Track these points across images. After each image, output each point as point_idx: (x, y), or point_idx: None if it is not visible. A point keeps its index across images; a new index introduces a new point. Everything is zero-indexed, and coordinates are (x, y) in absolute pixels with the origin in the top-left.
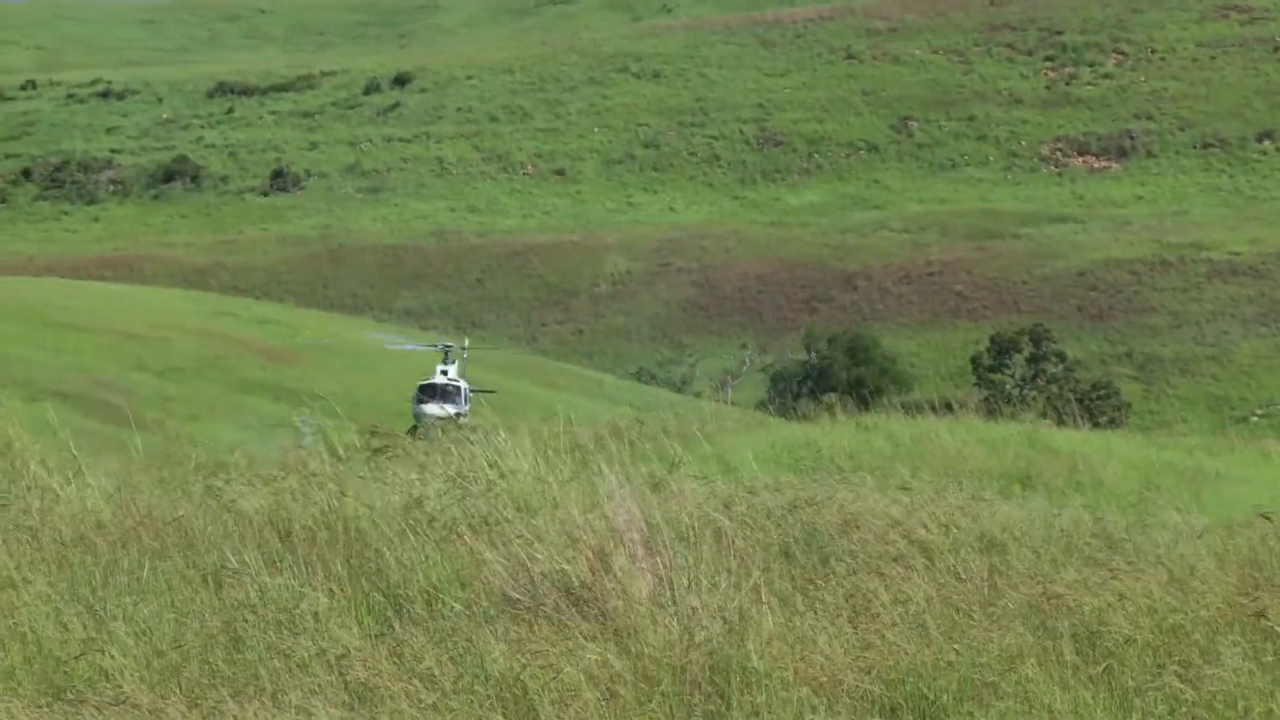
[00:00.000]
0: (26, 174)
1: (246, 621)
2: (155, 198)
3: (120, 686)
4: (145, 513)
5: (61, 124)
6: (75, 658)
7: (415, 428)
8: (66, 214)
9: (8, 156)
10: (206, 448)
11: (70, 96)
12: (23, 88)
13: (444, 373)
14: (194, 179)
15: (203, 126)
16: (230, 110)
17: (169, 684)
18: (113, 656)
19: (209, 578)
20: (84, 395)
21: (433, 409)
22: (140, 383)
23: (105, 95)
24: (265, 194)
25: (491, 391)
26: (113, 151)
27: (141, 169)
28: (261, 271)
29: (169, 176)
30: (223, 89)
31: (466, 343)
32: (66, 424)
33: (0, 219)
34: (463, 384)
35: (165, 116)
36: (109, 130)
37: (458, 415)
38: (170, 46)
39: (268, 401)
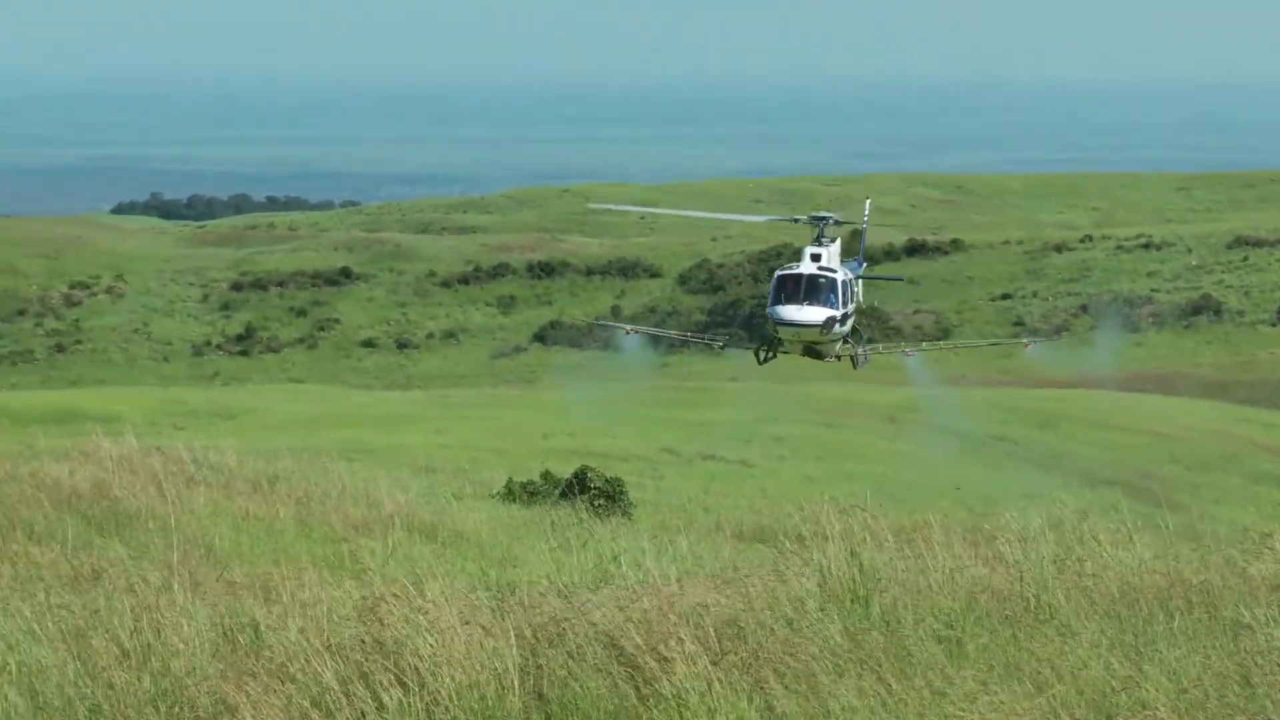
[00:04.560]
0: (1084, 309)
1: (1257, 665)
2: (1185, 328)
3: (1156, 715)
4: (1176, 576)
5: (1111, 269)
6: (1117, 691)
7: (769, 342)
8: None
9: (1069, 295)
10: (1227, 527)
11: (1119, 248)
12: (1082, 240)
13: (815, 257)
14: (1216, 312)
15: (1223, 271)
16: (1245, 258)
17: (1195, 713)
18: (1148, 690)
19: (1228, 629)
20: (1128, 482)
21: (790, 312)
22: (1172, 473)
23: (1146, 246)
24: (1273, 324)
25: (899, 279)
26: (1152, 290)
27: (1174, 304)
28: (1271, 386)
29: (1196, 310)
30: (1239, 241)
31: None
32: (1117, 505)
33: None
34: (840, 274)
35: (1193, 263)
36: (1148, 274)
37: (829, 321)
38: (1199, 208)
39: (1278, 491)
